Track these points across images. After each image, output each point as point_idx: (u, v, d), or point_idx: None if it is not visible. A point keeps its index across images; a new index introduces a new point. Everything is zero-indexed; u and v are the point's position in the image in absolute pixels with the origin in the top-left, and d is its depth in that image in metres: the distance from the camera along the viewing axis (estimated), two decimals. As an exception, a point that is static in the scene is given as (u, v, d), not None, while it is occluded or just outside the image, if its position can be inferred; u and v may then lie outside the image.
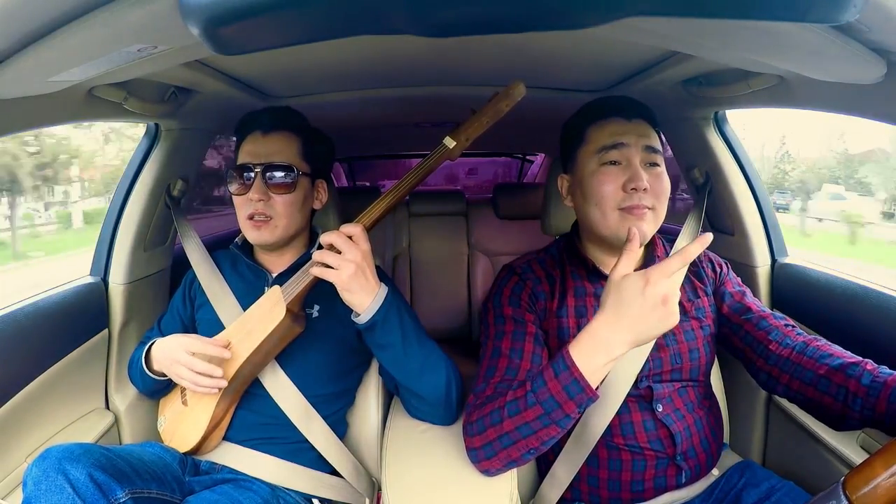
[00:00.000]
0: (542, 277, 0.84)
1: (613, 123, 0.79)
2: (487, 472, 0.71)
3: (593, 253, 0.85)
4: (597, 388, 0.63)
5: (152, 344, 0.90)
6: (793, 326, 0.81)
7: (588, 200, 0.79)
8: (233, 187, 0.88)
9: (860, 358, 0.71)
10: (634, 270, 0.85)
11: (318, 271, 0.72)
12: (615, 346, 0.61)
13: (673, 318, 0.59)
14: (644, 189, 0.74)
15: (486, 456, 0.69)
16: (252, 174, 0.86)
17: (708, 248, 1.09)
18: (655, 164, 0.78)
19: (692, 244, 0.59)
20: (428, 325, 0.88)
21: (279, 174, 0.86)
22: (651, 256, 0.86)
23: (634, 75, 1.01)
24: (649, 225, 0.76)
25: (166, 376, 0.87)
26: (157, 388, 0.93)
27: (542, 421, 0.64)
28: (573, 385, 0.62)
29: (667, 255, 0.88)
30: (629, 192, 0.75)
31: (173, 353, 0.82)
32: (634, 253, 0.63)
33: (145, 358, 0.90)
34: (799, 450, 0.95)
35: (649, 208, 0.75)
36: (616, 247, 0.81)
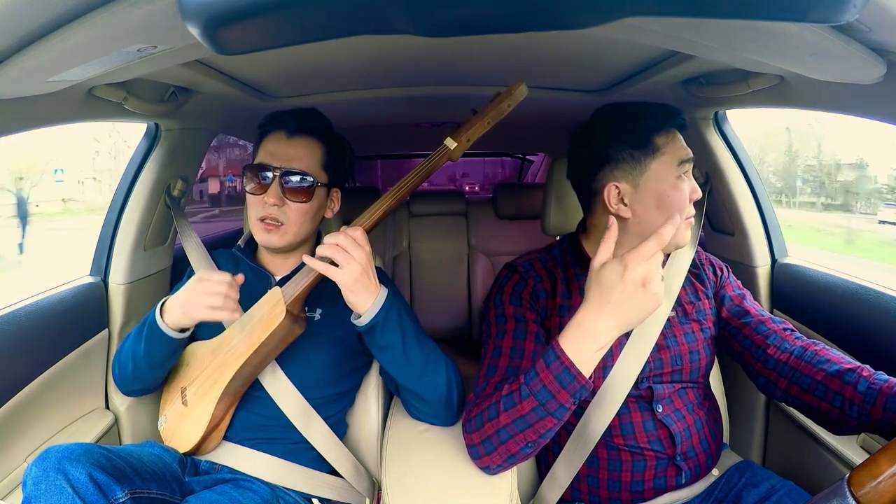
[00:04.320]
0: (544, 276, 0.84)
1: (676, 136, 0.79)
2: (488, 469, 0.71)
3: None
4: (590, 378, 0.64)
5: (165, 301, 0.85)
6: (791, 330, 0.82)
7: (664, 212, 0.77)
8: (248, 185, 0.87)
9: (857, 363, 0.71)
10: None
11: (321, 266, 0.72)
12: (602, 333, 0.62)
13: (656, 299, 0.61)
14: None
15: (485, 452, 0.69)
16: (270, 176, 0.84)
17: (708, 249, 1.10)
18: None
19: (664, 226, 0.61)
20: (428, 325, 0.88)
21: (298, 181, 0.85)
22: None
23: (634, 75, 1.01)
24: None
25: (183, 334, 0.83)
26: (159, 360, 0.86)
27: (537, 413, 0.64)
28: (565, 374, 0.63)
29: (666, 255, 0.88)
30: (692, 202, 0.78)
31: (188, 293, 0.79)
32: (612, 241, 0.65)
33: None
34: (799, 450, 0.95)
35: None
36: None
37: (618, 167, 0.79)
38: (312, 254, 0.95)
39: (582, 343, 0.63)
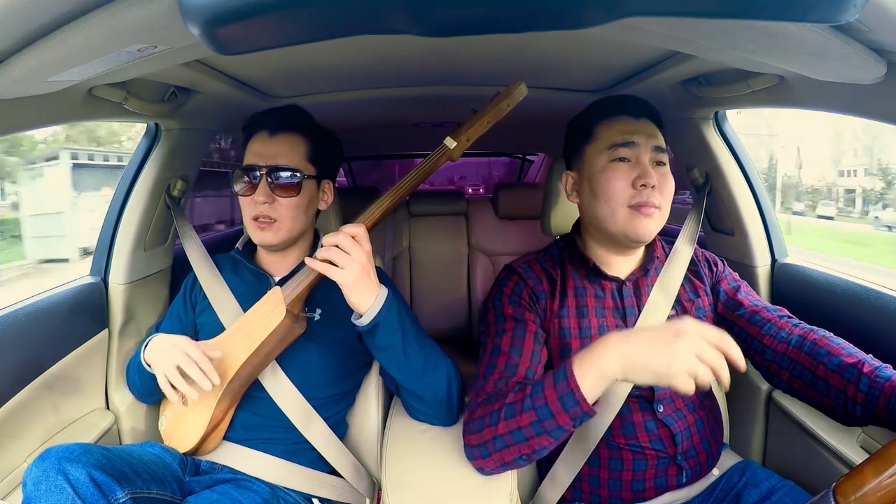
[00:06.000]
0: (543, 277, 0.84)
1: (622, 121, 0.79)
2: (482, 470, 0.71)
3: (595, 252, 0.85)
4: (594, 405, 0.62)
5: (151, 339, 0.87)
6: (789, 317, 0.81)
7: (597, 197, 0.79)
8: (238, 187, 0.88)
9: (858, 357, 0.70)
10: (634, 269, 0.85)
11: (321, 267, 0.72)
12: (606, 359, 0.61)
13: (676, 363, 0.55)
14: (653, 186, 0.75)
15: (480, 455, 0.70)
16: (257, 175, 0.85)
17: (708, 248, 1.10)
18: (662, 163, 0.79)
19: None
20: (428, 325, 0.88)
21: (284, 177, 0.85)
22: (650, 257, 0.86)
23: (634, 75, 1.01)
24: (656, 223, 0.77)
25: None
26: (153, 389, 0.89)
27: (534, 428, 0.64)
28: (569, 396, 0.62)
29: (666, 255, 0.88)
30: (639, 188, 0.75)
31: (165, 349, 0.79)
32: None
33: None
34: (799, 450, 0.95)
35: (657, 207, 0.76)
36: (622, 244, 0.81)
37: (571, 157, 0.87)
38: (310, 251, 0.96)
39: (588, 366, 0.62)
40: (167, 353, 0.79)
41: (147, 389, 0.93)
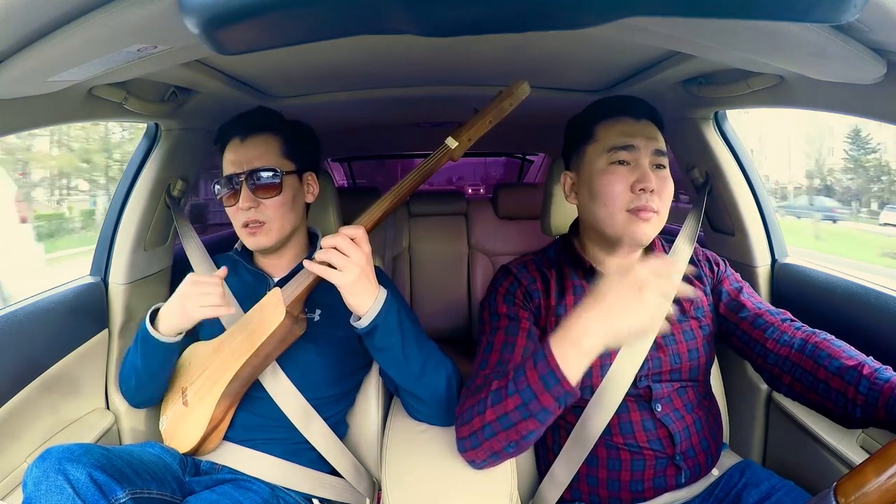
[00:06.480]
0: (537, 277, 0.84)
1: (623, 123, 0.79)
2: (473, 462, 0.71)
3: (592, 252, 0.85)
4: (577, 385, 0.62)
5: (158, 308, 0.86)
6: (791, 321, 0.81)
7: (596, 199, 0.78)
8: (221, 198, 0.88)
9: (859, 359, 0.70)
10: None
11: (319, 269, 0.72)
12: (584, 337, 0.61)
13: (648, 313, 0.58)
14: (652, 190, 0.75)
15: (471, 446, 0.69)
16: (238, 182, 0.86)
17: (708, 248, 1.10)
18: (662, 167, 0.79)
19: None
20: (428, 326, 0.88)
21: (264, 178, 0.86)
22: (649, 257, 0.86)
23: (634, 75, 1.01)
24: (653, 227, 0.77)
25: (177, 337, 0.84)
26: (156, 370, 0.88)
27: (520, 412, 0.64)
28: (549, 376, 0.62)
29: (666, 255, 0.88)
30: (637, 192, 0.75)
31: (187, 294, 0.79)
32: (634, 261, 0.64)
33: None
34: (799, 450, 0.95)
35: (655, 211, 0.76)
36: (619, 247, 0.81)
37: (570, 158, 0.86)
38: (307, 251, 0.96)
39: (566, 346, 0.62)
40: (191, 294, 0.78)
41: (149, 372, 0.88)
